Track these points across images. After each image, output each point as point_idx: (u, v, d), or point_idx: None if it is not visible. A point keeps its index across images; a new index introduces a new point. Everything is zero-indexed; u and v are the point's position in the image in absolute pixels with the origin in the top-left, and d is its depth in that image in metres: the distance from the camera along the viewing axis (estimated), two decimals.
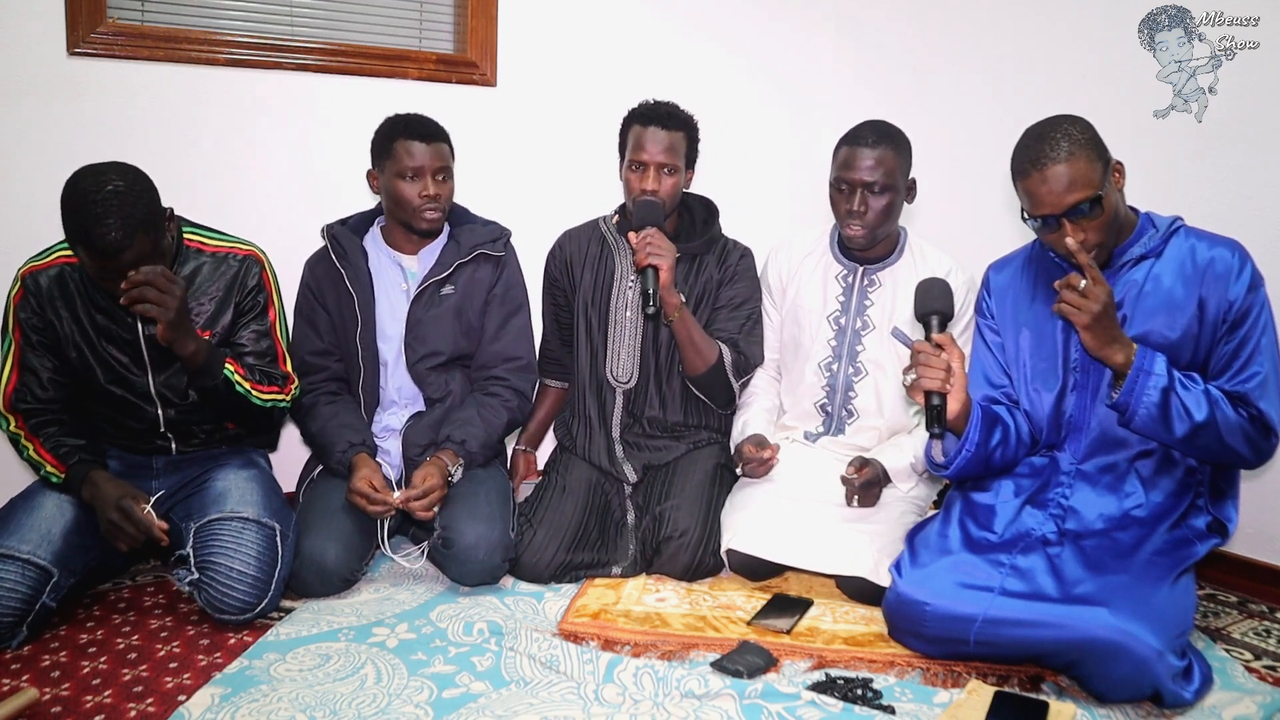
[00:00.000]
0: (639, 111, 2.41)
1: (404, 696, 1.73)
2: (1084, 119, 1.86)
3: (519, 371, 2.42)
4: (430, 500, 2.16)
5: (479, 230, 2.42)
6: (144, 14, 2.53)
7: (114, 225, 1.80)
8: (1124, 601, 1.72)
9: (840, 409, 2.41)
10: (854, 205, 2.25)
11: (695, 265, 2.47)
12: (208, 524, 1.99)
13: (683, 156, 2.39)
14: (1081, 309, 1.78)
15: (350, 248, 2.35)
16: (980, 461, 1.97)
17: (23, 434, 2.05)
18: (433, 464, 2.22)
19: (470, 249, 2.37)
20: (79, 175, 1.85)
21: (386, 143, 2.28)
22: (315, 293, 2.38)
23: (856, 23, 3.20)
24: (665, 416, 2.50)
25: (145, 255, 1.87)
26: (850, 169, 2.25)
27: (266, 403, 2.11)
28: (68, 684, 1.75)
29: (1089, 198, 1.79)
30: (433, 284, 2.34)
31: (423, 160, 2.26)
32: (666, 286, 2.22)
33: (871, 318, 2.38)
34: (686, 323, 2.31)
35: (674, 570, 2.28)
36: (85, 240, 1.82)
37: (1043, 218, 1.84)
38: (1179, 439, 1.82)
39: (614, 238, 2.52)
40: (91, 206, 1.80)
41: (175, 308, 1.87)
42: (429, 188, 2.26)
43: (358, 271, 2.33)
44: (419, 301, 2.34)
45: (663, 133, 2.35)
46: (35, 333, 2.04)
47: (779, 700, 1.73)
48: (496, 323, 2.41)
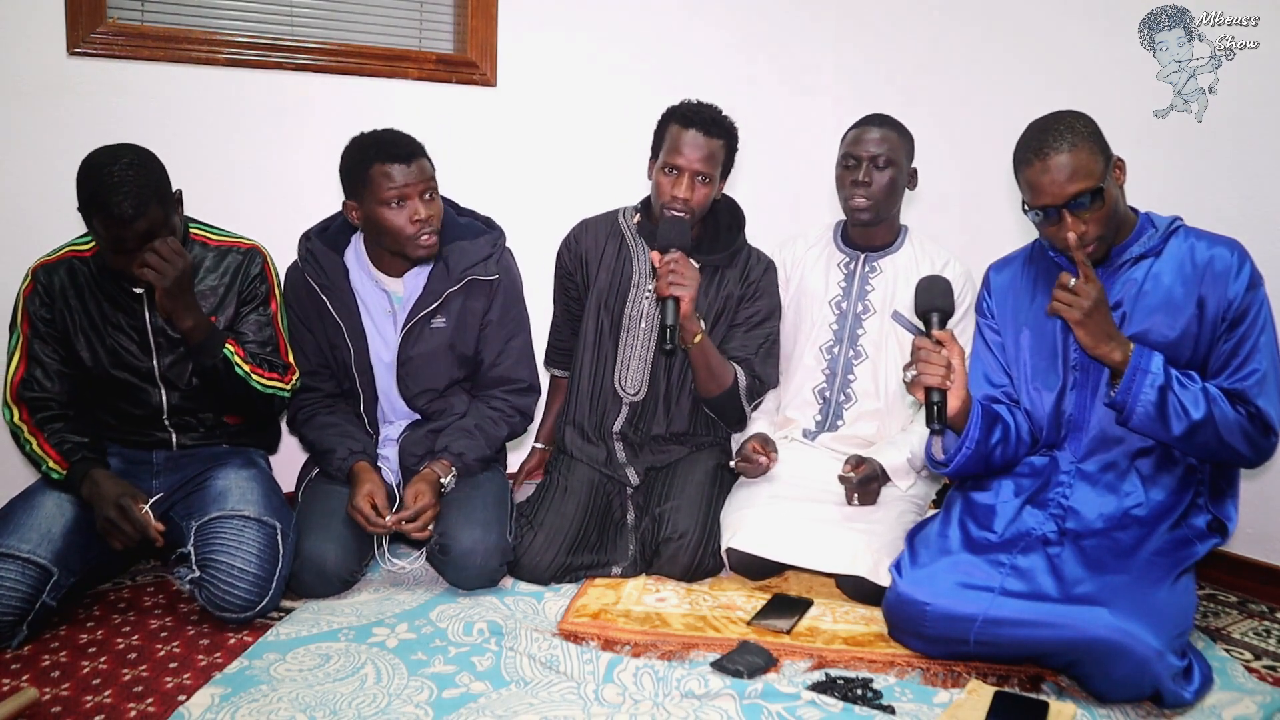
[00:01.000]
0: (680, 111, 2.30)
1: (404, 696, 1.73)
2: (1086, 114, 1.87)
3: (520, 394, 2.38)
4: (423, 521, 2.14)
5: (469, 250, 2.26)
6: (144, 14, 2.53)
7: (128, 194, 1.88)
8: (1124, 601, 1.72)
9: (839, 393, 2.42)
10: (859, 176, 2.30)
11: (716, 278, 2.41)
12: (208, 522, 1.99)
13: (720, 166, 2.31)
14: (1073, 306, 1.79)
15: (331, 269, 2.23)
16: (980, 459, 1.97)
17: (26, 427, 2.05)
18: (423, 480, 2.19)
19: (461, 275, 2.24)
20: (94, 153, 1.95)
21: (360, 170, 2.12)
22: (299, 314, 2.27)
23: (859, 22, 3.20)
24: (670, 431, 2.48)
25: (157, 225, 1.93)
26: (857, 145, 2.33)
27: (267, 388, 2.11)
28: (68, 684, 1.75)
29: (1090, 189, 1.80)
30: (421, 317, 2.24)
31: (406, 181, 2.09)
32: (687, 316, 2.16)
33: (872, 302, 2.40)
34: (705, 350, 2.26)
35: (674, 571, 2.27)
36: (101, 208, 1.88)
37: (1043, 209, 1.84)
38: (1177, 437, 1.82)
39: (634, 238, 2.44)
40: (107, 177, 1.88)
41: (174, 277, 1.93)
42: (419, 211, 2.11)
43: (341, 296, 2.23)
44: (409, 337, 2.25)
45: (703, 139, 2.25)
46: (44, 324, 2.07)
47: (779, 700, 1.73)
48: (495, 349, 2.33)
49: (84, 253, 2.09)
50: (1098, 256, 1.89)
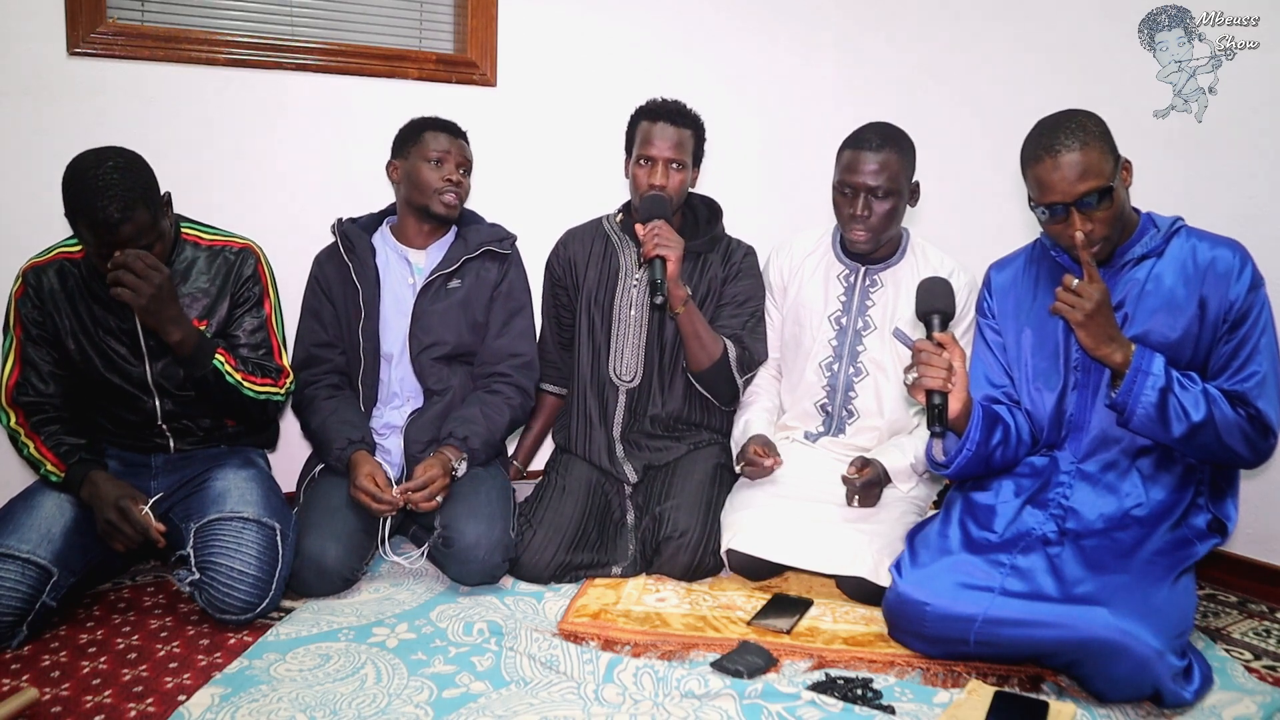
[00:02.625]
0: (647, 108, 2.42)
1: (404, 696, 1.73)
2: (1096, 114, 1.87)
3: (522, 368, 2.44)
4: (431, 490, 2.16)
5: (486, 230, 2.46)
6: (144, 14, 2.53)
7: (113, 198, 1.85)
8: (1124, 601, 1.72)
9: (841, 409, 2.41)
10: (857, 210, 2.25)
11: (700, 263, 2.48)
12: (208, 524, 1.99)
13: (690, 154, 2.41)
14: (1076, 306, 1.79)
15: (359, 243, 2.39)
16: (981, 461, 1.97)
17: (23, 431, 2.05)
18: (435, 458, 2.23)
19: (478, 246, 2.41)
20: (79, 156, 1.92)
21: (415, 133, 2.37)
22: (323, 287, 2.41)
23: (860, 25, 3.20)
24: (667, 414, 2.50)
25: (144, 229, 1.91)
26: (854, 173, 2.24)
27: (260, 395, 2.11)
28: (68, 684, 1.75)
29: (1100, 188, 1.80)
30: (440, 277, 2.37)
31: (450, 148, 2.35)
32: (674, 278, 2.22)
33: (873, 318, 2.38)
34: (692, 316, 2.32)
35: (674, 570, 2.27)
36: (86, 213, 1.86)
37: (1051, 206, 1.84)
38: (1177, 438, 1.83)
39: (618, 236, 2.53)
40: (92, 181, 1.85)
41: (150, 293, 1.90)
42: (452, 174, 2.34)
43: (364, 265, 2.37)
44: (425, 294, 2.37)
45: (671, 129, 2.36)
46: (35, 326, 2.06)
47: (779, 700, 1.73)
48: (500, 320, 2.44)
49: (74, 254, 2.08)
50: (1102, 256, 1.89)
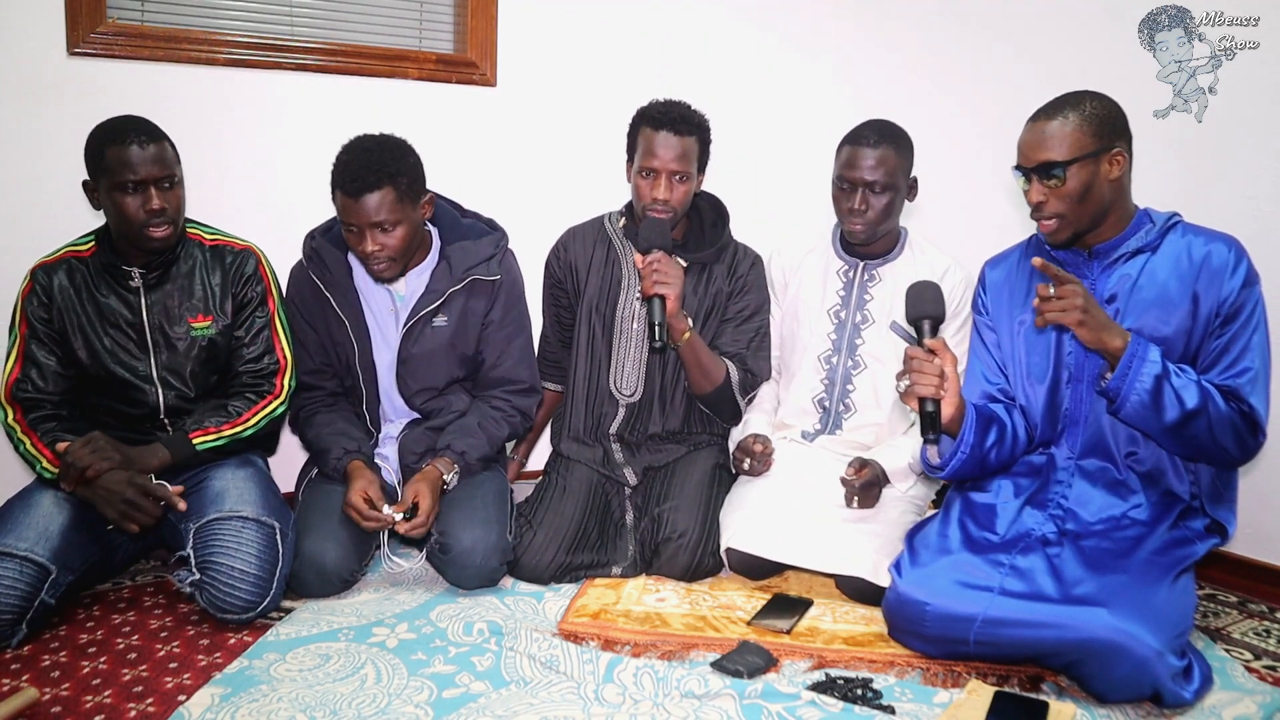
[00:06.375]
0: (650, 113, 2.32)
1: (404, 696, 1.73)
2: (1113, 101, 1.87)
3: (521, 394, 2.38)
4: (428, 520, 2.13)
5: (472, 250, 2.29)
6: (144, 14, 2.53)
7: (142, 128, 2.02)
8: (1124, 602, 1.72)
9: (838, 403, 2.41)
10: (855, 204, 2.26)
11: (704, 275, 2.43)
12: (207, 524, 1.99)
13: (695, 162, 2.32)
14: (1067, 310, 1.76)
15: (335, 267, 2.25)
16: (976, 462, 1.97)
17: (19, 427, 2.05)
18: (425, 478, 2.17)
19: (464, 274, 2.26)
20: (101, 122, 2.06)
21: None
22: (302, 311, 2.30)
23: (860, 23, 3.20)
24: (667, 431, 2.48)
25: (169, 164, 2.03)
26: (852, 168, 2.25)
27: (259, 424, 2.16)
28: (68, 684, 1.75)
29: (1056, 161, 1.82)
30: (424, 314, 2.25)
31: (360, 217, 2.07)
32: (674, 314, 2.19)
33: (871, 312, 2.39)
34: (694, 346, 2.29)
35: (673, 571, 2.27)
36: (116, 136, 1.98)
37: (1016, 169, 1.89)
38: (1169, 425, 1.79)
39: (620, 242, 2.47)
40: (121, 121, 2.03)
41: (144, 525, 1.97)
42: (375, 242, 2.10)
43: (345, 293, 2.25)
44: (410, 336, 2.26)
45: (675, 139, 2.27)
46: (42, 325, 2.09)
47: (779, 700, 1.73)
48: (496, 350, 2.34)
49: (83, 253, 2.11)
50: (1060, 239, 1.89)
